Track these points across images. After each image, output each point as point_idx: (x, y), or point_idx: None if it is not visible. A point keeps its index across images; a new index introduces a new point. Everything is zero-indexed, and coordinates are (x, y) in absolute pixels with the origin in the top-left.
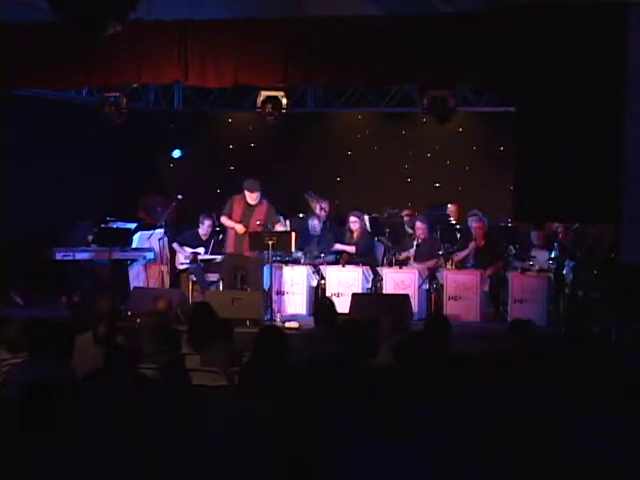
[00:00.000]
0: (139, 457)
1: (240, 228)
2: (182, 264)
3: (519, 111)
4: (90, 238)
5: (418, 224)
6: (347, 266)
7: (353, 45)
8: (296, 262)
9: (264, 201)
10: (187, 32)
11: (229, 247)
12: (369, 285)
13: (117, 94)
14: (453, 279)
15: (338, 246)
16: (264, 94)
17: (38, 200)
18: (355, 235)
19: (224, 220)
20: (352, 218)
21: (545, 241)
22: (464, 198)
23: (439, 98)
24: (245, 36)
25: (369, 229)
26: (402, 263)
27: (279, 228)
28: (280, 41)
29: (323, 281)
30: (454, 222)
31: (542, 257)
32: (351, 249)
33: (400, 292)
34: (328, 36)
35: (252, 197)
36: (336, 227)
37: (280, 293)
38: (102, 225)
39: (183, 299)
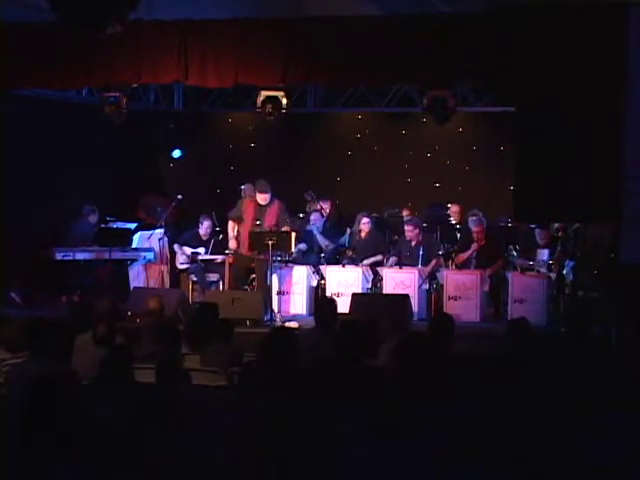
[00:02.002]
0: (139, 458)
1: (232, 235)
2: (182, 264)
3: (519, 111)
4: (93, 220)
5: (408, 227)
6: (347, 266)
7: (353, 45)
8: (296, 262)
9: (276, 201)
10: (187, 32)
11: (244, 249)
12: (369, 285)
13: (117, 94)
14: (453, 279)
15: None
16: (264, 94)
17: (38, 200)
18: (364, 235)
19: (230, 225)
20: (364, 219)
21: (550, 240)
22: (464, 198)
23: (439, 98)
24: (245, 36)
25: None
26: (402, 263)
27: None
28: (280, 41)
29: (323, 281)
30: (454, 222)
31: (545, 257)
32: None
33: (400, 292)
34: (328, 36)
35: (263, 198)
36: (336, 227)
37: (280, 293)
38: (102, 225)
39: (183, 299)
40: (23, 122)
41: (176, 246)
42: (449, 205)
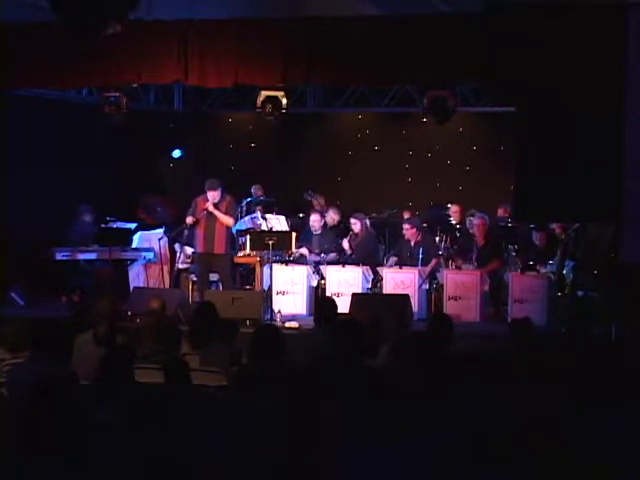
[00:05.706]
0: (139, 458)
1: (189, 220)
2: (183, 263)
3: (519, 111)
4: (88, 219)
5: (405, 226)
6: (347, 266)
7: (353, 45)
8: (296, 262)
9: (227, 197)
10: (187, 32)
11: (199, 246)
12: (369, 285)
13: (117, 94)
14: (453, 279)
15: (345, 243)
16: (264, 94)
17: (38, 200)
18: (358, 236)
19: (188, 220)
20: (352, 220)
21: (547, 242)
22: (464, 198)
23: (439, 98)
24: (245, 36)
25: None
26: (402, 263)
27: (227, 219)
28: (280, 41)
29: (323, 281)
30: (454, 222)
31: (548, 267)
32: (346, 248)
33: (400, 292)
34: (328, 36)
35: (213, 196)
36: (336, 227)
37: (280, 293)
38: (102, 225)
39: (183, 299)
40: (23, 122)
41: (177, 245)
42: (449, 205)
